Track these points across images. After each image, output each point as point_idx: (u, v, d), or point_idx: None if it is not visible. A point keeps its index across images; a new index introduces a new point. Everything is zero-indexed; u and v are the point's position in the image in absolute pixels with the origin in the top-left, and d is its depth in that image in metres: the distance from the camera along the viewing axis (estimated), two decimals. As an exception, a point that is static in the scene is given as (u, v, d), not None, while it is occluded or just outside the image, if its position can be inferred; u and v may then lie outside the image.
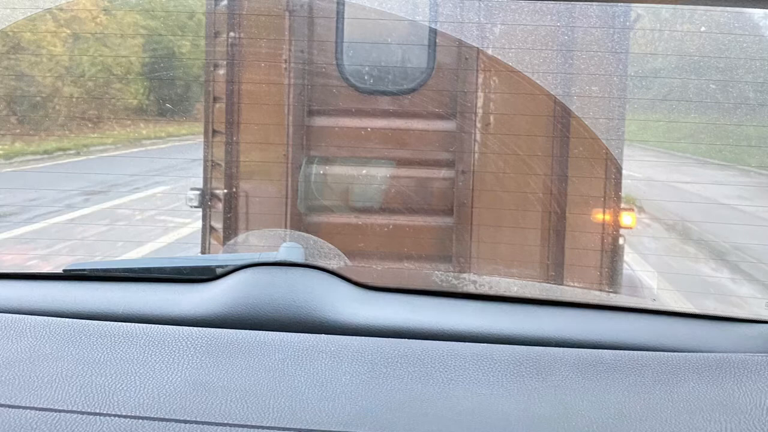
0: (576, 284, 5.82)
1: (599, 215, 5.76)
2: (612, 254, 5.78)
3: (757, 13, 5.85)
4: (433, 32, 5.72)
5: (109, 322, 1.98)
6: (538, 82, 5.55)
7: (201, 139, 6.33)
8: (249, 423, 1.63)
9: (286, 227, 5.85)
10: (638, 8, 5.73)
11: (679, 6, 5.19)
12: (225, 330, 1.95)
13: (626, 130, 5.81)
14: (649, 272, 8.68)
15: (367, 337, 1.94)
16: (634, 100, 6.15)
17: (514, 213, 5.79)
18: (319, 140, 5.87)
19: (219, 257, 4.53)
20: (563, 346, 1.94)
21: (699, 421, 1.67)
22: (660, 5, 5.97)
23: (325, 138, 5.87)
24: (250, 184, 6.01)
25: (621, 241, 5.83)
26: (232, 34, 5.94)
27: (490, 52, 5.65)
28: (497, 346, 1.91)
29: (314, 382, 1.74)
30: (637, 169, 10.06)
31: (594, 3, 5.44)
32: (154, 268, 2.55)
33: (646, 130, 9.41)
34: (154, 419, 1.63)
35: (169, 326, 1.95)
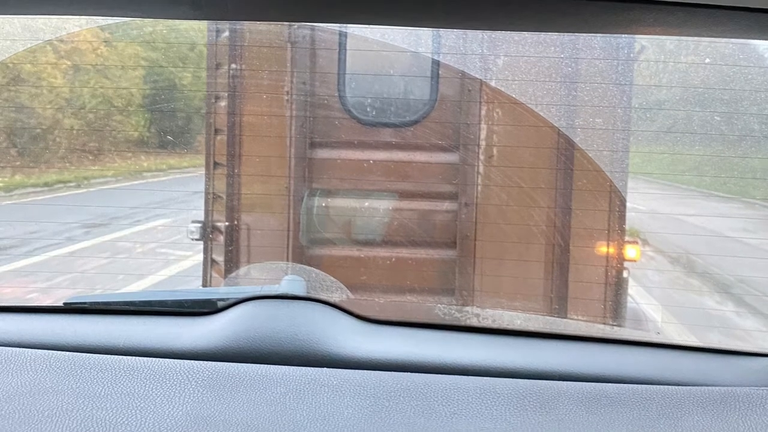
0: (579, 317, 5.79)
1: (603, 248, 5.73)
2: (616, 287, 5.75)
3: (761, 44, 5.85)
4: (436, 64, 5.70)
5: (110, 356, 1.97)
6: (541, 114, 5.53)
7: (202, 171, 6.33)
8: None
9: (287, 260, 5.83)
10: (642, 40, 5.72)
11: (683, 37, 5.18)
12: (226, 363, 1.94)
13: (630, 162, 5.80)
14: (653, 305, 8.67)
15: (369, 371, 1.94)
16: (638, 132, 6.15)
17: (518, 246, 5.76)
18: (321, 172, 5.84)
19: (220, 290, 4.52)
20: (567, 380, 1.94)
21: None
22: (664, 36, 5.96)
23: (327, 170, 5.85)
24: (252, 216, 5.98)
25: (625, 274, 5.81)
26: (233, 65, 5.93)
27: (493, 83, 5.63)
28: (500, 379, 1.90)
29: (316, 415, 1.73)
30: (642, 202, 10.09)
31: (598, 34, 5.43)
32: (155, 301, 2.59)
33: (651, 162, 9.41)
34: None
35: (171, 360, 1.94)
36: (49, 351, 1.98)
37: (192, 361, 1.92)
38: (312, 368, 1.92)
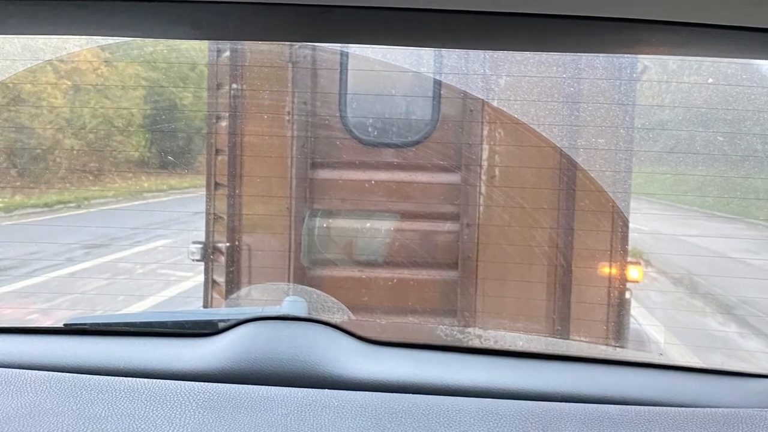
0: (582, 338, 5.78)
1: (605, 269, 5.73)
2: (618, 308, 5.74)
3: (765, 64, 5.84)
4: (438, 84, 5.70)
5: (110, 377, 1.95)
6: (543, 134, 5.53)
7: (203, 191, 6.31)
8: None
9: (289, 281, 5.82)
10: (645, 59, 5.71)
11: (686, 57, 5.18)
12: (227, 385, 1.93)
13: (633, 182, 5.79)
14: (656, 326, 8.65)
15: (370, 392, 1.93)
16: (640, 152, 6.14)
17: (520, 266, 5.75)
18: (322, 193, 5.83)
19: (221, 311, 4.51)
20: (569, 401, 1.93)
21: None
22: (667, 56, 5.96)
23: (329, 191, 5.84)
24: (253, 237, 5.97)
25: (627, 294, 5.80)
26: (234, 85, 5.92)
27: (495, 103, 5.63)
28: (502, 401, 1.90)
29: None
30: (644, 223, 10.07)
31: (600, 54, 5.42)
32: (155, 322, 2.62)
33: (653, 182, 9.42)
34: None
35: (171, 381, 1.93)
36: (50, 372, 1.97)
37: (193, 383, 1.91)
38: (313, 390, 1.91)
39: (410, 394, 1.91)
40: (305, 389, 1.90)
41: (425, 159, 5.73)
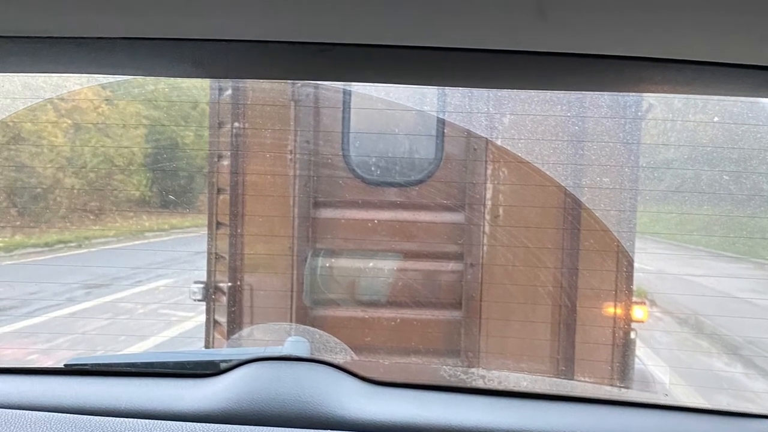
0: (586, 379, 5.75)
1: (610, 309, 5.71)
2: (623, 348, 5.72)
3: (771, 103, 5.83)
4: (441, 122, 5.69)
5: (111, 418, 1.97)
6: (548, 173, 5.51)
7: (205, 231, 6.30)
8: None
9: (291, 321, 5.80)
10: (650, 98, 5.70)
11: (691, 96, 5.16)
12: (229, 426, 1.94)
13: (638, 222, 5.77)
14: (661, 367, 8.62)
15: None
16: (645, 191, 6.12)
17: (524, 306, 5.73)
18: (325, 232, 5.82)
19: (223, 352, 4.50)
20: None
21: None
22: (672, 95, 5.95)
23: (331, 230, 5.82)
24: (255, 277, 5.95)
25: (632, 335, 5.79)
26: (236, 124, 5.91)
27: (499, 142, 5.62)
28: None
29: None
30: (649, 262, 10.05)
31: (605, 92, 5.41)
32: (156, 362, 2.66)
33: (658, 222, 9.42)
34: None
35: (173, 422, 1.94)
36: (50, 413, 1.97)
37: (195, 424, 1.92)
38: (316, 431, 1.93)
39: None
40: (308, 430, 1.92)
41: (428, 198, 5.72)
